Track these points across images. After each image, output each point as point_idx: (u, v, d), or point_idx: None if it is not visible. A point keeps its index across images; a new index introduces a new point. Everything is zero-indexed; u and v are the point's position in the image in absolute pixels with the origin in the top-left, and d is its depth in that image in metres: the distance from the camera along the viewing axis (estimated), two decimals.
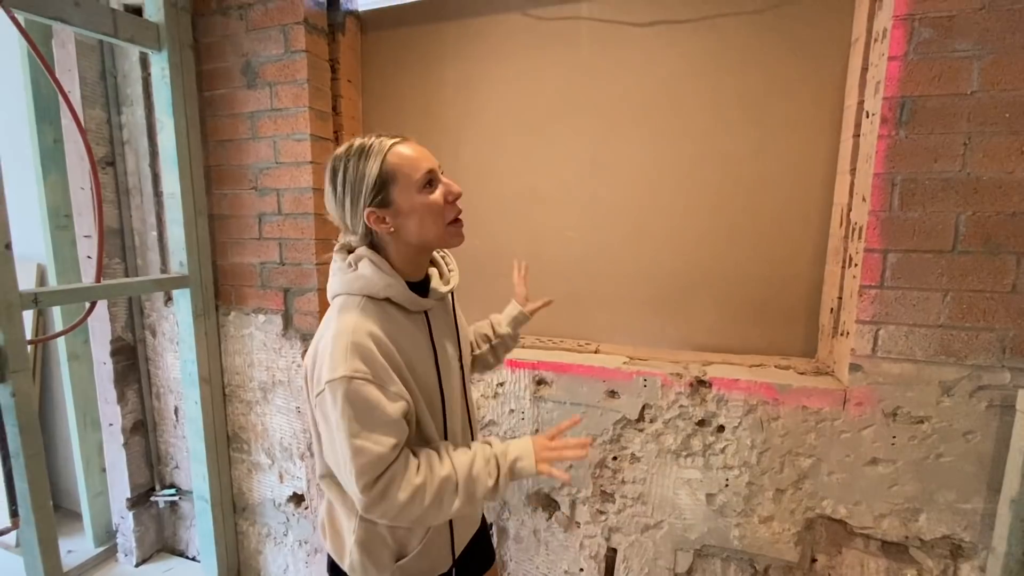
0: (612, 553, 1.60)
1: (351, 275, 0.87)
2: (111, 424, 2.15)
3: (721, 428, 1.43)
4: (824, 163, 1.48)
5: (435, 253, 1.04)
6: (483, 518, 1.19)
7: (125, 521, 2.20)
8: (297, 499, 2.01)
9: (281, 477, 2.01)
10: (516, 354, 1.64)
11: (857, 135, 1.35)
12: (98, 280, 1.64)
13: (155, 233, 2.06)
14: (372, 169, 0.83)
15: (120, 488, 2.19)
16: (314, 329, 1.83)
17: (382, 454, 0.79)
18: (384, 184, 0.84)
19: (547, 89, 1.72)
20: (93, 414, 2.21)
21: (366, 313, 0.84)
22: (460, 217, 0.91)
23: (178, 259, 1.88)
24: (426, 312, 0.95)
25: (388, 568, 0.93)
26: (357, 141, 0.87)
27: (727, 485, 1.44)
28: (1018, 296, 1.16)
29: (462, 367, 1.04)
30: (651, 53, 1.60)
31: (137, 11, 1.92)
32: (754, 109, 1.52)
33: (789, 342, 1.60)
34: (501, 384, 1.64)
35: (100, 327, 2.07)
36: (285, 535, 2.06)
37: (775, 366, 1.50)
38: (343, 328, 0.82)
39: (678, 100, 1.59)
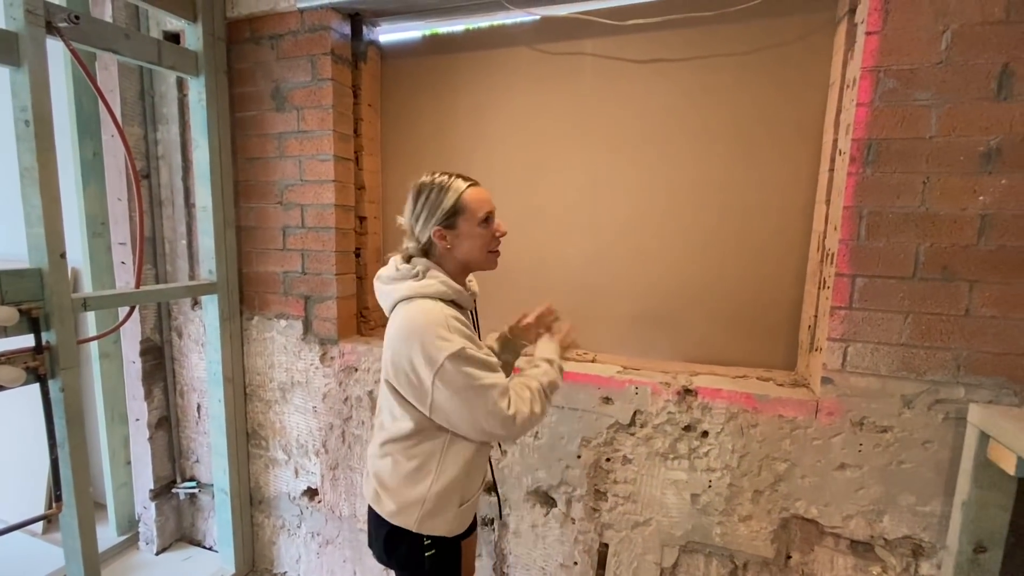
0: (604, 548, 1.73)
1: (422, 282, 1.10)
2: (138, 419, 2.30)
3: (705, 433, 1.56)
4: (804, 193, 1.62)
5: None
6: None
7: (147, 511, 2.34)
8: (311, 493, 2.15)
9: (296, 472, 2.15)
10: (519, 361, 1.77)
11: (832, 169, 1.49)
12: (137, 286, 1.78)
13: (184, 242, 2.21)
14: (449, 200, 1.10)
15: (144, 480, 2.33)
16: (331, 334, 1.98)
17: (506, 384, 1.09)
18: (455, 213, 1.11)
19: (552, 117, 1.87)
20: (120, 409, 2.36)
21: (445, 309, 1.08)
22: (499, 249, 1.20)
23: (207, 267, 2.02)
24: (471, 310, 1.24)
25: (455, 510, 1.17)
26: (439, 176, 1.14)
27: (710, 486, 1.57)
28: (970, 319, 1.29)
29: None
30: (649, 87, 1.75)
31: (175, 36, 2.09)
32: (742, 141, 1.67)
33: (772, 355, 1.74)
34: None
35: (131, 328, 2.22)
36: (299, 527, 2.19)
37: (757, 377, 1.63)
38: (437, 317, 1.05)
39: (673, 130, 1.74)
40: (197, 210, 2.04)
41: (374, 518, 1.23)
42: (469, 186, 1.13)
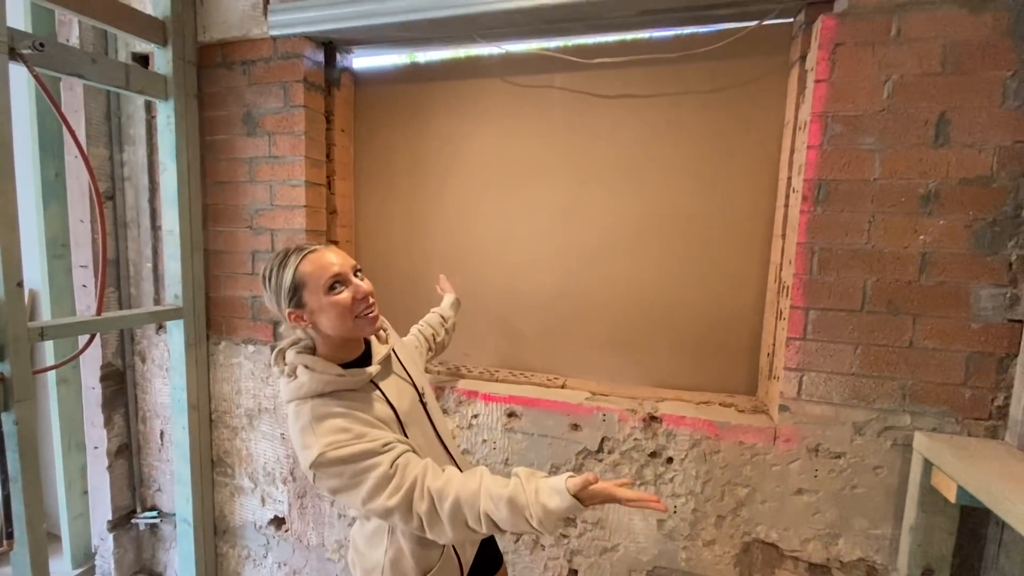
0: (573, 574, 1.74)
1: (294, 384, 1.01)
2: (96, 447, 2.22)
3: (670, 460, 1.60)
4: (763, 226, 1.69)
5: None
6: None
7: (104, 543, 2.26)
8: (278, 522, 2.10)
9: (263, 500, 2.11)
10: (490, 388, 1.79)
11: (787, 205, 1.56)
12: (99, 311, 1.74)
13: (150, 265, 2.17)
14: (287, 278, 0.99)
15: (101, 510, 2.25)
16: None
17: (396, 506, 0.93)
18: (297, 289, 1.00)
19: (524, 147, 1.91)
20: (78, 437, 2.27)
21: (316, 408, 0.98)
22: (369, 311, 1.03)
23: (173, 291, 1.99)
24: (374, 381, 1.07)
25: None
26: (276, 256, 1.03)
27: (675, 511, 1.60)
28: (914, 351, 1.36)
29: (424, 405, 1.20)
30: (617, 121, 1.81)
31: (144, 58, 2.07)
32: (705, 175, 1.73)
33: (735, 381, 1.79)
34: (475, 416, 1.79)
35: (91, 353, 2.16)
36: (265, 557, 2.14)
37: (720, 403, 1.68)
38: (303, 425, 0.97)
39: (639, 163, 1.80)
40: (164, 233, 2.00)
41: None
42: (304, 256, 1.00)
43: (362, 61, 2.09)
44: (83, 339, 1.80)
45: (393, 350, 1.20)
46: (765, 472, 1.51)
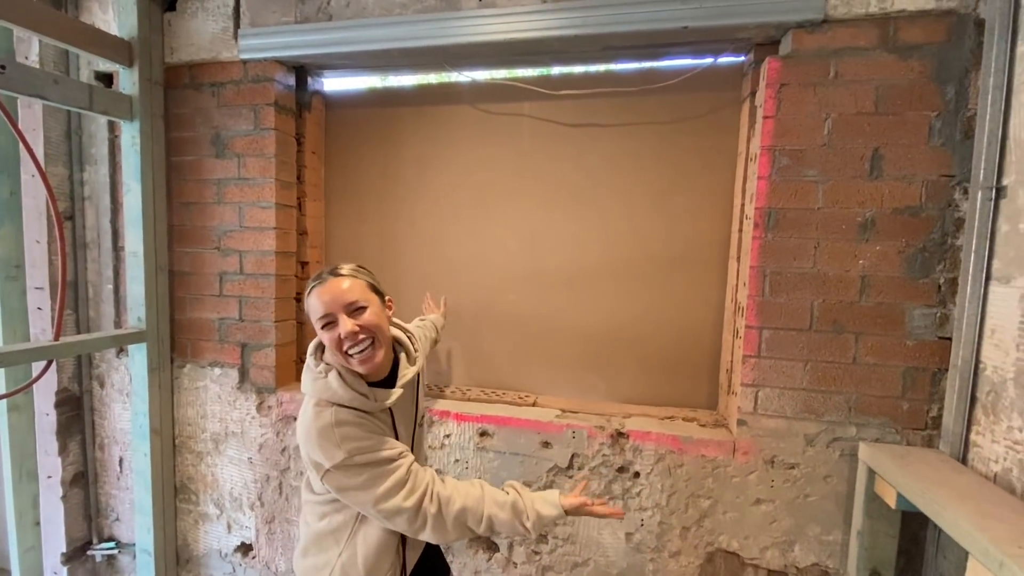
0: None
1: (322, 383, 1.05)
2: (50, 476, 2.13)
3: (637, 474, 1.66)
4: (720, 249, 1.79)
5: (403, 335, 1.24)
6: None
7: None
8: (245, 548, 2.06)
9: (229, 527, 2.06)
10: (462, 408, 1.82)
11: (741, 231, 1.66)
12: (56, 338, 1.69)
13: (111, 286, 2.11)
14: (306, 303, 1.09)
15: (55, 542, 2.15)
16: (269, 383, 1.95)
17: (410, 508, 1.03)
18: (309, 316, 1.08)
19: (494, 172, 1.97)
20: (30, 466, 2.17)
21: (338, 414, 1.03)
22: (356, 350, 1.04)
23: (136, 314, 1.94)
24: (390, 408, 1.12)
25: None
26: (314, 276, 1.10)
27: (642, 525, 1.66)
28: (858, 367, 1.47)
29: (414, 435, 1.24)
30: (581, 149, 1.88)
31: (107, 77, 2.04)
32: (664, 200, 1.83)
33: (697, 396, 1.87)
34: (448, 436, 1.81)
35: (46, 378, 2.07)
36: None
37: (683, 418, 1.76)
38: (324, 426, 1.02)
39: (603, 189, 1.88)
40: (126, 254, 1.96)
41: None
42: (312, 288, 1.07)
43: (333, 84, 2.11)
44: (38, 365, 1.74)
45: (419, 372, 1.24)
46: (726, 484, 1.59)
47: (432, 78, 2.00)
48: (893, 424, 1.46)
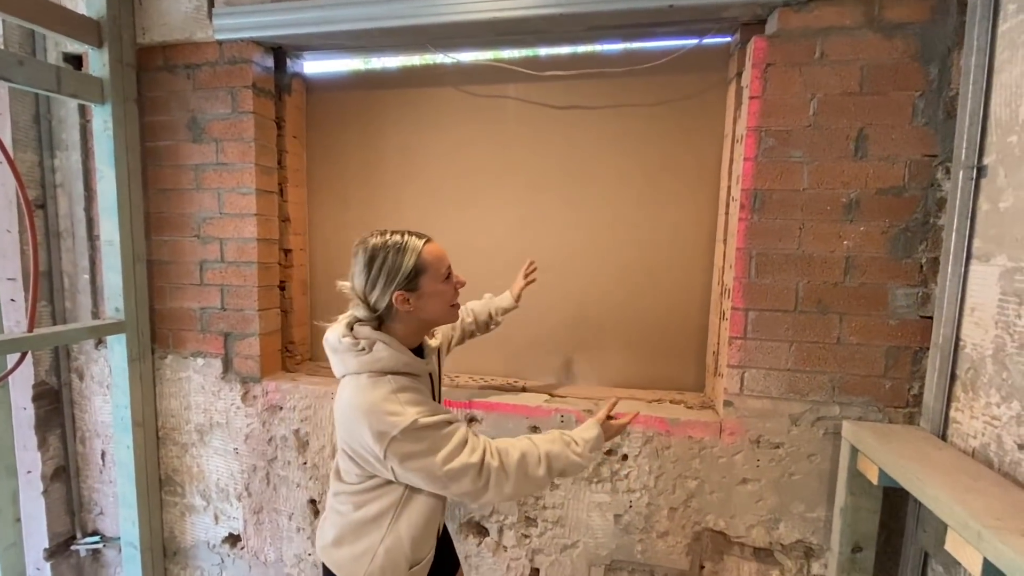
0: (535, 573, 1.78)
1: (368, 356, 1.06)
2: (29, 471, 2.09)
3: (625, 457, 1.67)
4: (707, 232, 1.79)
5: None
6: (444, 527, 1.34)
7: (41, 573, 2.12)
8: (233, 539, 2.04)
9: (216, 518, 2.04)
10: (451, 394, 1.81)
11: (727, 213, 1.66)
12: (31, 329, 1.64)
13: (87, 276, 2.06)
14: (410, 260, 1.05)
15: (37, 538, 2.11)
16: (254, 372, 1.92)
17: (473, 464, 1.04)
18: (418, 273, 1.06)
19: (480, 157, 1.94)
20: (8, 461, 2.11)
21: (392, 381, 1.05)
22: (458, 303, 1.19)
23: (114, 304, 1.90)
24: (434, 368, 1.20)
25: (403, 573, 1.12)
26: (392, 237, 1.08)
27: (631, 506, 1.67)
28: (841, 347, 1.49)
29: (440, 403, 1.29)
30: (568, 132, 1.86)
31: (76, 59, 1.97)
32: (651, 184, 1.82)
33: (684, 378, 1.89)
34: None
35: (22, 371, 2.02)
36: None
37: (671, 400, 1.77)
38: (383, 392, 1.03)
39: (590, 173, 1.86)
40: (102, 243, 1.90)
41: (325, 571, 1.20)
42: (426, 243, 1.09)
43: (314, 66, 2.06)
44: (12, 358, 1.69)
45: (439, 350, 1.29)
46: (712, 464, 1.60)
47: (416, 60, 1.96)
48: (875, 403, 1.48)
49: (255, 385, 1.93)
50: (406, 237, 1.08)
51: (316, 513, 1.93)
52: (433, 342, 1.25)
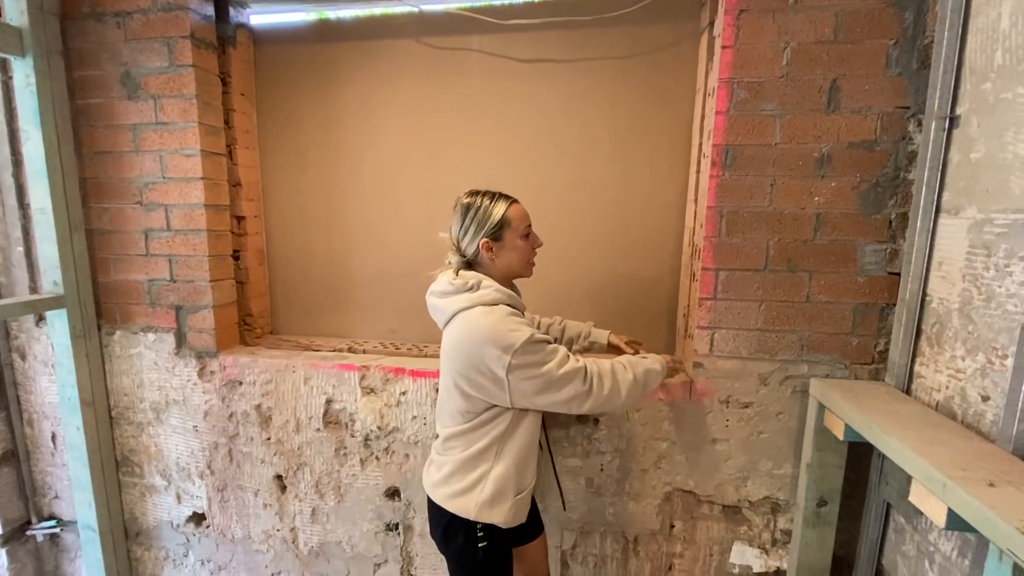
0: None
1: (479, 292, 1.19)
2: None
3: (596, 421, 1.65)
4: (677, 192, 1.74)
5: None
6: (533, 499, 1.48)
7: None
8: (197, 518, 1.98)
9: (179, 498, 1.97)
10: (419, 364, 1.76)
11: (699, 171, 1.61)
12: None
13: (21, 249, 1.91)
14: (497, 214, 1.22)
15: None
16: (209, 346, 1.83)
17: (580, 367, 1.18)
18: (502, 225, 1.22)
19: (444, 114, 1.84)
20: None
21: (504, 308, 1.18)
22: (534, 261, 1.32)
23: (51, 278, 1.77)
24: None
25: (511, 500, 1.24)
26: (486, 194, 1.24)
27: (602, 470, 1.67)
28: (810, 305, 1.47)
29: None
30: (534, 87, 1.77)
31: None
32: (620, 143, 1.75)
33: (656, 341, 1.86)
34: (404, 393, 1.75)
35: None
36: (186, 556, 2.02)
37: None
38: (500, 315, 1.15)
39: (560, 130, 1.78)
40: (33, 212, 1.76)
41: (434, 509, 1.31)
42: (512, 203, 1.24)
43: (262, 18, 1.90)
44: None
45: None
46: (683, 425, 1.60)
47: (373, 9, 1.82)
48: (842, 360, 1.48)
49: (211, 360, 1.84)
50: (497, 196, 1.24)
51: (283, 489, 1.88)
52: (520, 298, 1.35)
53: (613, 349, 1.54)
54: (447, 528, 1.27)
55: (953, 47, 1.23)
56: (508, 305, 1.20)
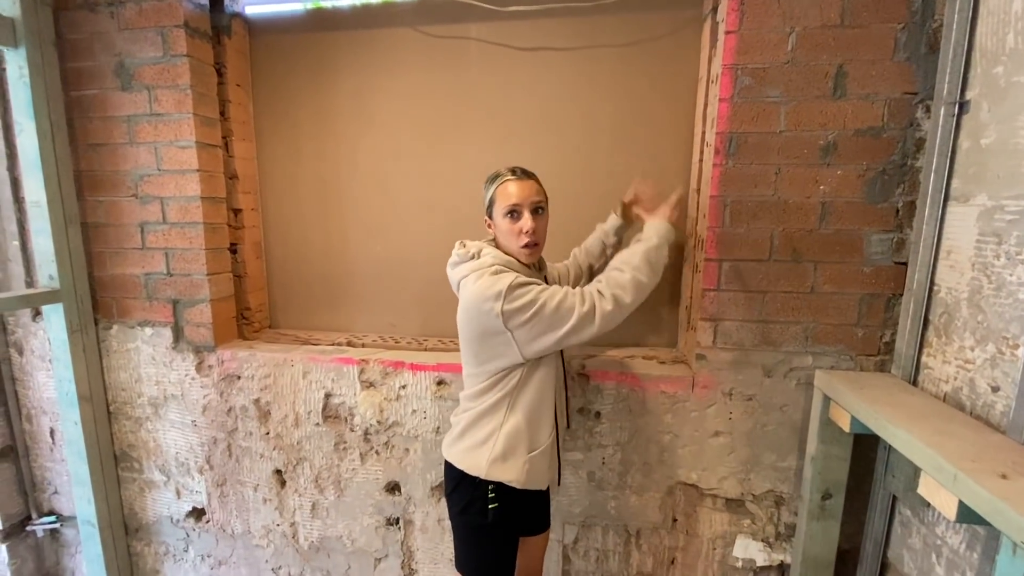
0: None
1: (477, 261, 1.21)
2: None
3: (598, 414, 1.63)
4: (679, 182, 1.71)
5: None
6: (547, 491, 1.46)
7: None
8: (197, 513, 1.97)
9: (178, 493, 1.96)
10: (418, 358, 1.74)
11: (702, 160, 1.58)
12: None
13: (17, 243, 1.89)
14: (489, 190, 1.26)
15: None
16: (207, 341, 1.82)
17: (574, 292, 1.17)
18: (492, 203, 1.25)
19: (442, 103, 1.81)
20: None
21: (496, 269, 1.18)
22: (532, 243, 1.23)
23: (47, 272, 1.75)
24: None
25: (523, 457, 1.24)
26: (504, 169, 1.26)
27: (604, 463, 1.65)
28: (815, 296, 1.45)
29: None
30: (534, 76, 1.74)
31: None
32: (621, 132, 1.72)
33: (658, 334, 1.85)
34: (403, 387, 1.73)
35: None
36: (185, 551, 2.01)
37: (643, 357, 1.73)
38: (488, 272, 1.16)
39: (559, 119, 1.75)
40: (28, 205, 1.74)
41: (448, 468, 1.32)
42: (505, 180, 1.23)
43: (258, 8, 1.87)
44: None
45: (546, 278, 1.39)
46: (685, 418, 1.58)
47: None
48: (848, 351, 1.46)
49: (209, 354, 1.82)
50: (503, 171, 1.25)
51: (283, 483, 1.87)
52: (541, 274, 1.36)
53: (629, 216, 1.56)
54: (458, 486, 1.28)
55: (963, 30, 1.20)
56: (503, 267, 1.20)
